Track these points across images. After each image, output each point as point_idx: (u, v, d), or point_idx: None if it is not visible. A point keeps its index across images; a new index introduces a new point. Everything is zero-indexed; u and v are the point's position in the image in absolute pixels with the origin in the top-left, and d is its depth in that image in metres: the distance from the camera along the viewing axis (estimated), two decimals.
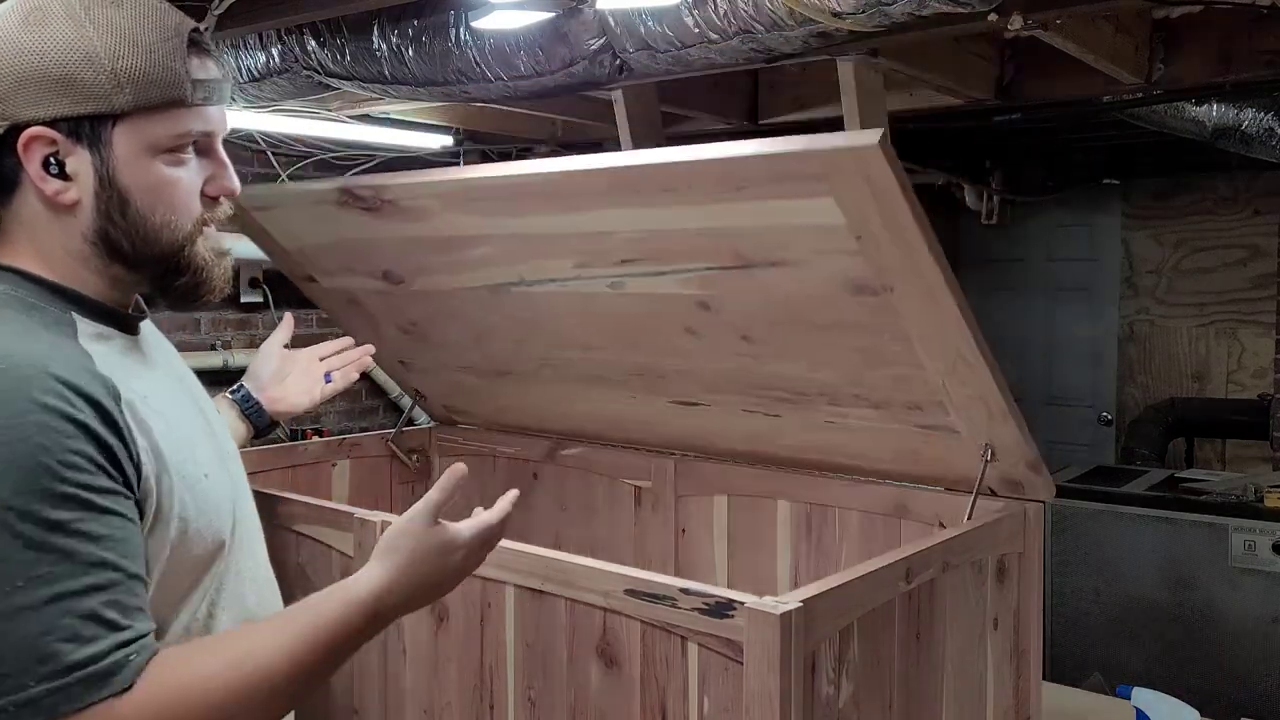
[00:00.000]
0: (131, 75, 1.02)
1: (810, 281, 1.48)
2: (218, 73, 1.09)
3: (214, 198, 1.11)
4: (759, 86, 3.66)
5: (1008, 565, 1.60)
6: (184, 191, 1.08)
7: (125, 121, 1.03)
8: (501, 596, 1.38)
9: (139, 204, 1.06)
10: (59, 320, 1.05)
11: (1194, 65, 3.01)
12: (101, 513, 0.94)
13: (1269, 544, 3.25)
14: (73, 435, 0.94)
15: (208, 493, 1.09)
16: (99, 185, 1.04)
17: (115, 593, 0.93)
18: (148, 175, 1.05)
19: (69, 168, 1.03)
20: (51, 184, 1.03)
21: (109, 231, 1.06)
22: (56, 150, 1.02)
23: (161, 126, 1.05)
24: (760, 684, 1.13)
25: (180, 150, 1.07)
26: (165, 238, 1.08)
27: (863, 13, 1.96)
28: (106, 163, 1.04)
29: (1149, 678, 3.32)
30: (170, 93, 1.04)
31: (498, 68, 2.51)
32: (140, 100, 1.03)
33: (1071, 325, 5.74)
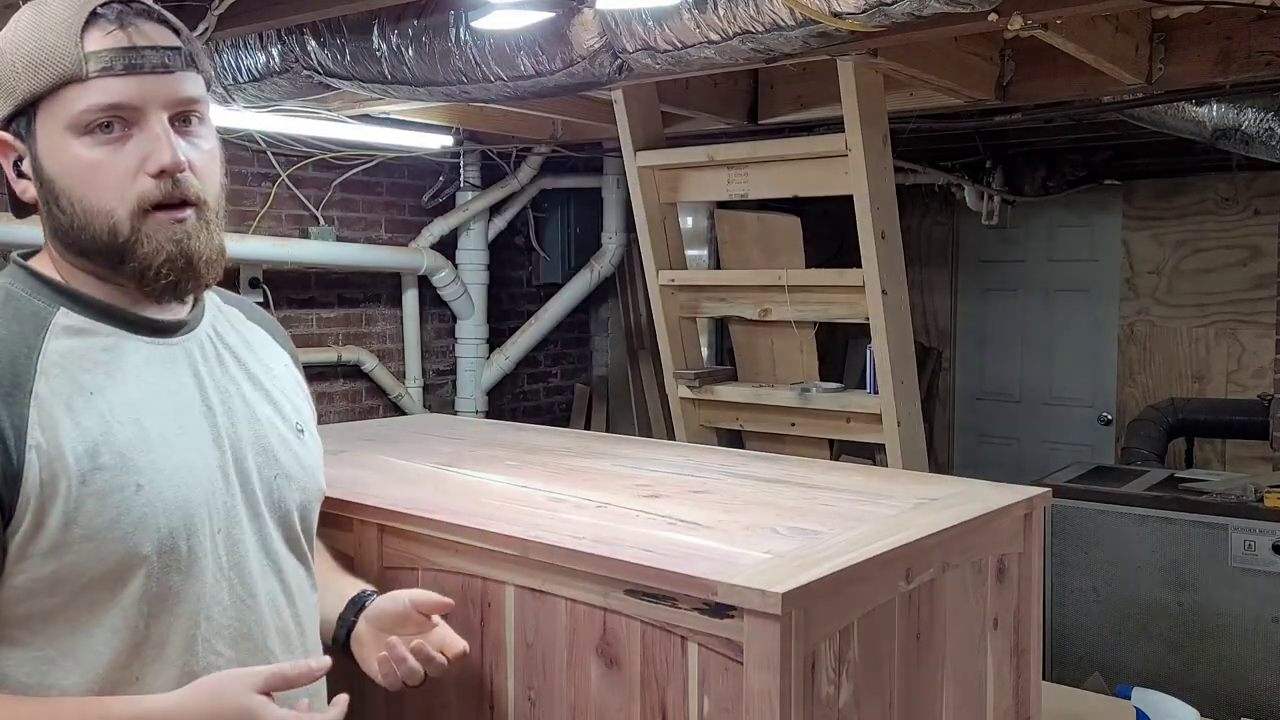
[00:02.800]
0: (26, 61, 1.03)
1: None
2: (132, 40, 1.03)
3: (156, 175, 1.04)
4: (759, 86, 3.67)
5: (1008, 565, 1.60)
6: (111, 172, 1.03)
7: (39, 109, 1.04)
8: (501, 596, 1.38)
9: (68, 191, 1.04)
10: (36, 313, 1.05)
11: (1194, 65, 3.02)
12: None
13: (1269, 544, 3.25)
14: None
15: (130, 505, 1.02)
16: (35, 178, 1.06)
17: None
18: (68, 159, 1.04)
19: (24, 166, 1.07)
20: (19, 184, 1.08)
21: (57, 223, 1.07)
22: (17, 152, 1.07)
23: (64, 105, 1.02)
24: (760, 684, 1.13)
25: (97, 128, 1.03)
26: (98, 224, 1.04)
27: (863, 13, 1.96)
28: (35, 155, 1.05)
29: (1149, 678, 3.32)
30: (59, 69, 1.02)
31: (497, 68, 2.51)
32: (35, 84, 1.02)
33: (1071, 325, 5.74)
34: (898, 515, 1.47)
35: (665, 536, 1.35)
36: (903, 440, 3.03)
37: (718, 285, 3.46)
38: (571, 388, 5.64)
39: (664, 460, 1.89)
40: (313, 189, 4.30)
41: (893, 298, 2.98)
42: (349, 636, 1.30)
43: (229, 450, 1.14)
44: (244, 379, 1.20)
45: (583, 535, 1.34)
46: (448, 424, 2.50)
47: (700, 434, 3.53)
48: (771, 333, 3.45)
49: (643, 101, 3.36)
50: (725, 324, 3.91)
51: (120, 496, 1.02)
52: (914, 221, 5.85)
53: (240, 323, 1.27)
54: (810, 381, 3.34)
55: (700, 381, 3.45)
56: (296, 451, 1.23)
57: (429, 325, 4.86)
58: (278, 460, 1.19)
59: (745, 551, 1.28)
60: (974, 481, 1.72)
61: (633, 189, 3.43)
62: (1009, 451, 5.92)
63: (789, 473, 1.80)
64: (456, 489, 1.65)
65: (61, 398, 1.01)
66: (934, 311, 6.13)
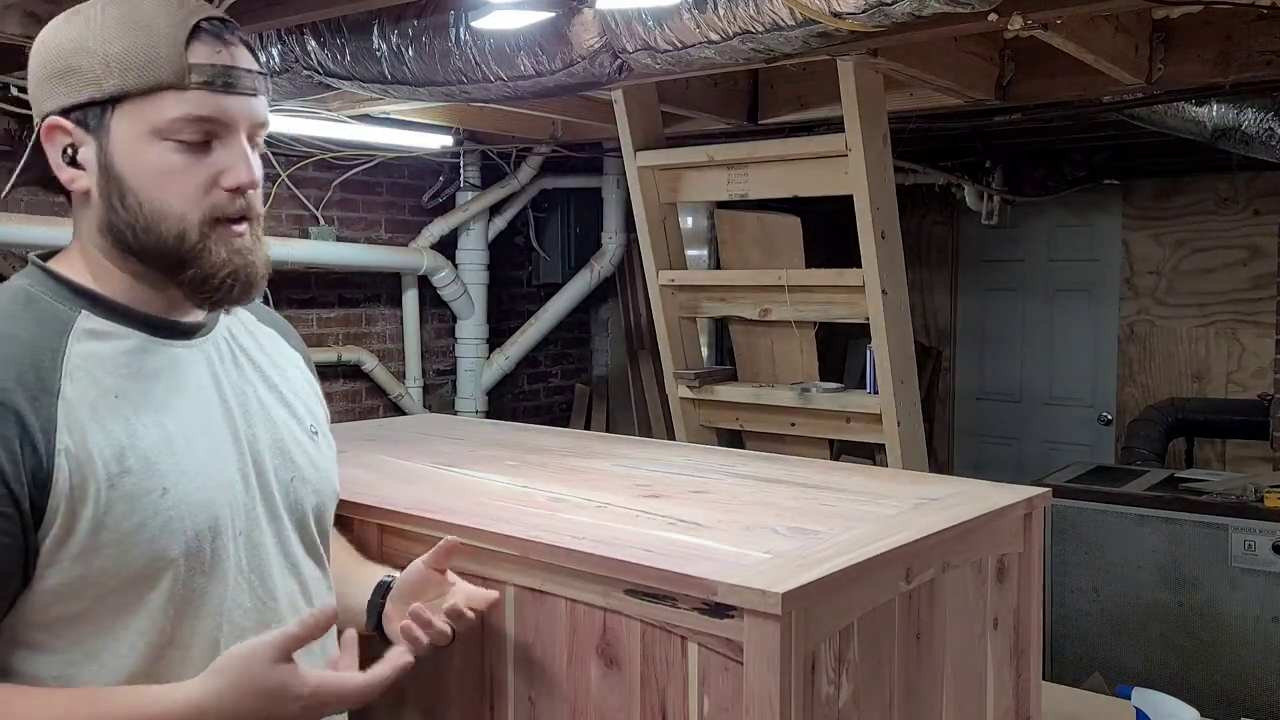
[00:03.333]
0: (119, 59, 1.02)
1: None
2: (232, 60, 1.06)
3: (231, 191, 1.07)
4: (759, 86, 3.67)
5: (1008, 565, 1.60)
6: (187, 180, 1.05)
7: (122, 106, 1.03)
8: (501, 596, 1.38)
9: (137, 190, 1.04)
10: (57, 316, 1.05)
11: (1194, 65, 3.02)
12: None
13: (1269, 544, 3.25)
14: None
15: (157, 508, 1.03)
16: (100, 172, 1.05)
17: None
18: (146, 160, 1.04)
19: (80, 156, 1.05)
20: (66, 172, 1.06)
21: (113, 220, 1.06)
22: (71, 139, 1.05)
23: (156, 110, 1.03)
24: (760, 684, 1.13)
25: (182, 135, 1.04)
26: (165, 227, 1.05)
27: (863, 13, 1.96)
28: (105, 148, 1.04)
29: (1149, 678, 3.32)
30: (158, 75, 1.02)
31: (497, 67, 2.51)
32: (127, 84, 1.02)
33: (1071, 325, 5.74)
34: (898, 515, 1.47)
35: (665, 536, 1.35)
36: (903, 440, 3.03)
37: (718, 285, 3.45)
38: (571, 388, 5.64)
39: (664, 460, 1.89)
40: (313, 189, 4.30)
41: (893, 298, 2.97)
42: (380, 620, 1.31)
43: (248, 453, 1.14)
44: (259, 381, 1.21)
45: (583, 535, 1.34)
46: (448, 424, 2.50)
47: (700, 434, 3.53)
48: (771, 333, 3.45)
49: (643, 101, 3.36)
50: (725, 324, 3.91)
51: (148, 500, 1.03)
52: (914, 221, 5.86)
53: (253, 325, 1.27)
54: (810, 381, 3.33)
55: (700, 381, 3.45)
56: (311, 454, 1.23)
57: (429, 325, 4.86)
58: (294, 462, 1.20)
59: (745, 551, 1.27)
60: (974, 481, 1.71)
61: (633, 189, 3.43)
62: (1009, 451, 5.92)
63: (789, 473, 1.80)
64: (456, 489, 1.64)
65: (87, 401, 1.01)
66: (934, 311, 6.13)
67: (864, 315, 3.01)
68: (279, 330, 1.33)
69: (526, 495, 1.59)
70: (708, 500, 1.57)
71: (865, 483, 1.71)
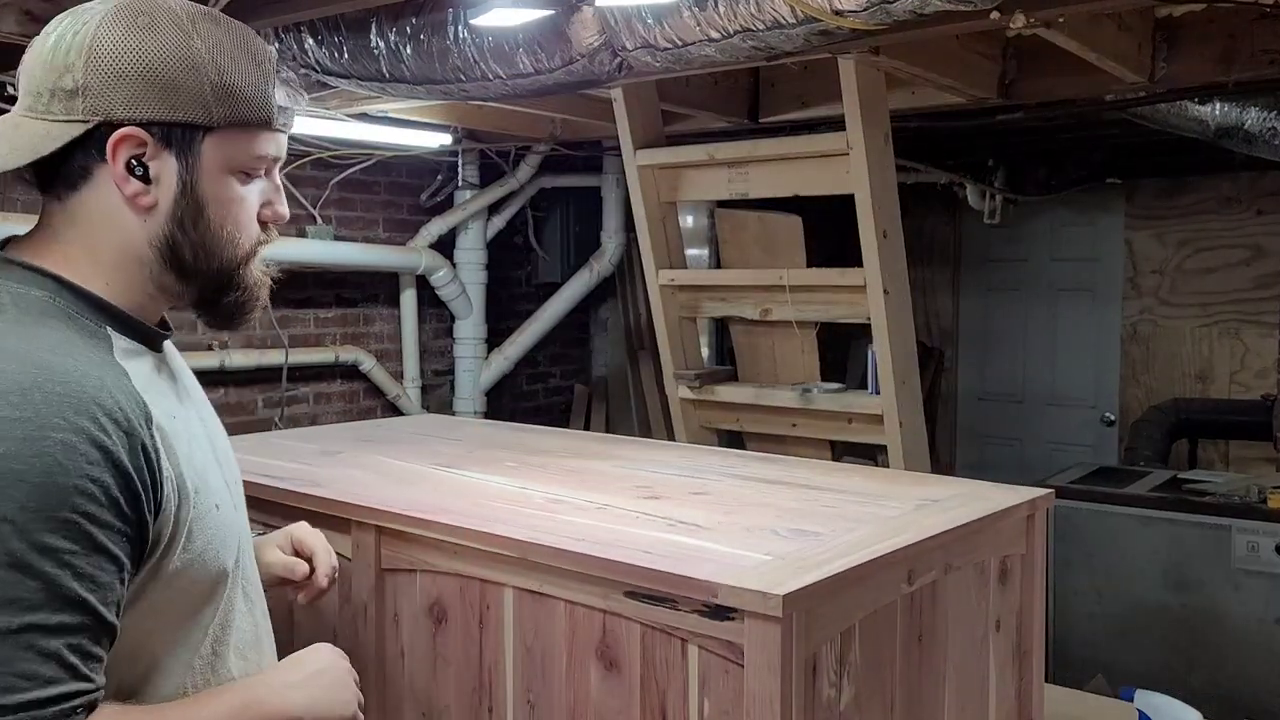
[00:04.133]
0: (232, 90, 1.03)
1: None
2: (290, 101, 1.11)
3: (265, 223, 1.12)
4: (760, 85, 3.66)
5: (1010, 567, 1.59)
6: (249, 211, 1.09)
7: (216, 134, 1.04)
8: (501, 598, 1.37)
9: (211, 216, 1.06)
10: (95, 334, 1.02)
11: (1196, 64, 3.01)
12: (95, 551, 0.92)
13: (1272, 545, 3.24)
14: (95, 461, 0.92)
15: (218, 523, 1.06)
16: (180, 192, 1.04)
17: (83, 638, 0.91)
18: (223, 189, 1.06)
19: (152, 171, 1.03)
20: (132, 185, 1.02)
21: (176, 238, 1.05)
22: (143, 152, 1.02)
23: (246, 145, 1.06)
24: (761, 686, 1.13)
25: (254, 170, 1.08)
26: (226, 253, 1.08)
27: (864, 11, 1.95)
28: (192, 171, 1.04)
29: (1152, 679, 3.31)
30: (261, 113, 1.06)
31: (496, 66, 2.50)
32: (236, 116, 1.04)
33: (1074, 325, 5.73)
34: (899, 517, 1.46)
35: (665, 538, 1.34)
36: (904, 441, 3.02)
37: (718, 285, 3.45)
38: (571, 388, 5.63)
39: (664, 461, 1.88)
40: (310, 188, 4.29)
41: (894, 297, 2.97)
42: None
43: (215, 446, 1.16)
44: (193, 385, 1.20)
45: (582, 537, 1.33)
46: (446, 425, 2.49)
47: (700, 435, 3.52)
48: (772, 333, 3.44)
49: (643, 100, 3.35)
50: (725, 324, 3.90)
51: (210, 518, 1.05)
52: (916, 221, 5.84)
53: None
54: (811, 382, 3.33)
55: (700, 382, 3.44)
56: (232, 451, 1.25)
57: (427, 325, 4.85)
58: (234, 463, 1.22)
59: (746, 553, 1.27)
60: (976, 483, 1.71)
61: (632, 188, 3.42)
62: (1011, 452, 5.91)
63: (790, 474, 1.79)
64: (455, 490, 1.64)
65: (166, 423, 1.02)
66: (936, 311, 6.12)
67: (865, 315, 3.00)
68: None
69: (525, 496, 1.58)
70: (708, 502, 1.56)
71: (866, 484, 1.70)
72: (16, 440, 0.89)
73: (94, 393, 0.94)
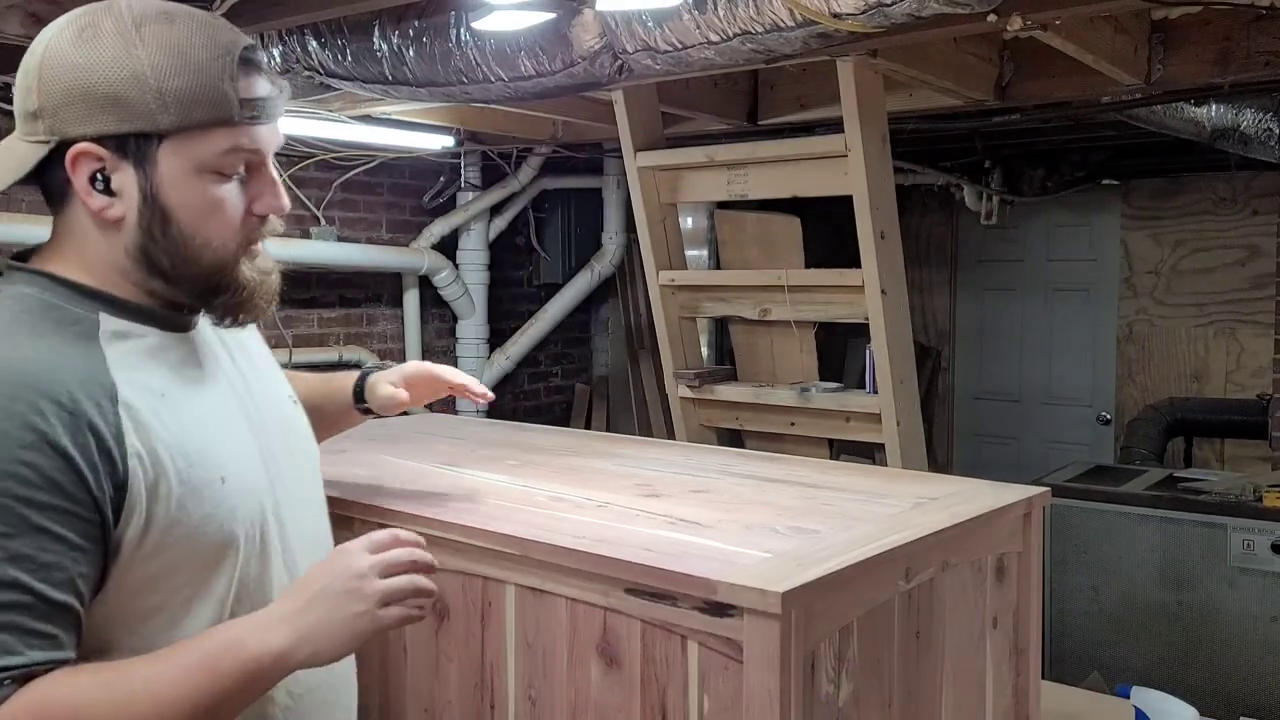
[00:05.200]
0: (178, 95, 1.01)
1: None
2: (268, 90, 1.08)
3: (262, 216, 1.10)
4: (759, 87, 3.67)
5: (1007, 564, 1.60)
6: (230, 210, 1.07)
7: (171, 140, 1.03)
8: (502, 595, 1.39)
9: (182, 222, 1.05)
10: (79, 320, 1.04)
11: (1193, 66, 3.02)
12: (33, 531, 0.93)
13: (1267, 543, 3.25)
14: (28, 445, 0.94)
15: (220, 496, 1.06)
16: (142, 202, 1.04)
17: (18, 615, 0.93)
18: (193, 194, 1.05)
19: (114, 184, 1.03)
20: (97, 200, 1.04)
21: (149, 248, 1.05)
22: (103, 166, 1.03)
23: (207, 145, 1.04)
24: (760, 683, 1.14)
25: (226, 169, 1.06)
26: (207, 257, 1.07)
27: (863, 14, 1.96)
28: (150, 180, 1.03)
29: (1148, 677, 3.33)
30: (215, 112, 1.03)
31: (498, 68, 2.52)
32: (184, 120, 1.02)
33: (1070, 325, 5.75)
34: (897, 515, 1.47)
35: (665, 536, 1.35)
36: (902, 440, 3.03)
37: (718, 285, 3.46)
38: (572, 388, 5.64)
39: (664, 460, 1.89)
40: (314, 189, 4.30)
41: (892, 297, 2.98)
42: (363, 389, 1.50)
43: (260, 432, 1.16)
44: (242, 360, 1.22)
45: (583, 535, 1.35)
46: (448, 424, 2.50)
47: (700, 434, 3.53)
48: (771, 332, 3.45)
49: (643, 102, 3.36)
50: (725, 324, 3.91)
51: (211, 491, 1.05)
52: (913, 222, 5.86)
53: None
54: (810, 381, 3.34)
55: (700, 381, 3.45)
56: (298, 423, 1.27)
57: (430, 325, 4.86)
58: (293, 433, 1.23)
59: (745, 551, 1.28)
60: (973, 481, 1.72)
61: (633, 189, 3.43)
62: (1008, 451, 5.93)
63: (789, 472, 1.80)
64: (457, 488, 1.65)
65: (141, 399, 1.03)
66: (933, 311, 6.13)
67: (863, 315, 3.01)
68: None
69: (527, 495, 1.59)
70: (708, 500, 1.57)
71: (865, 482, 1.71)
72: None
73: (35, 378, 0.96)
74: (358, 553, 1.06)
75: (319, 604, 1.03)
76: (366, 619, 1.03)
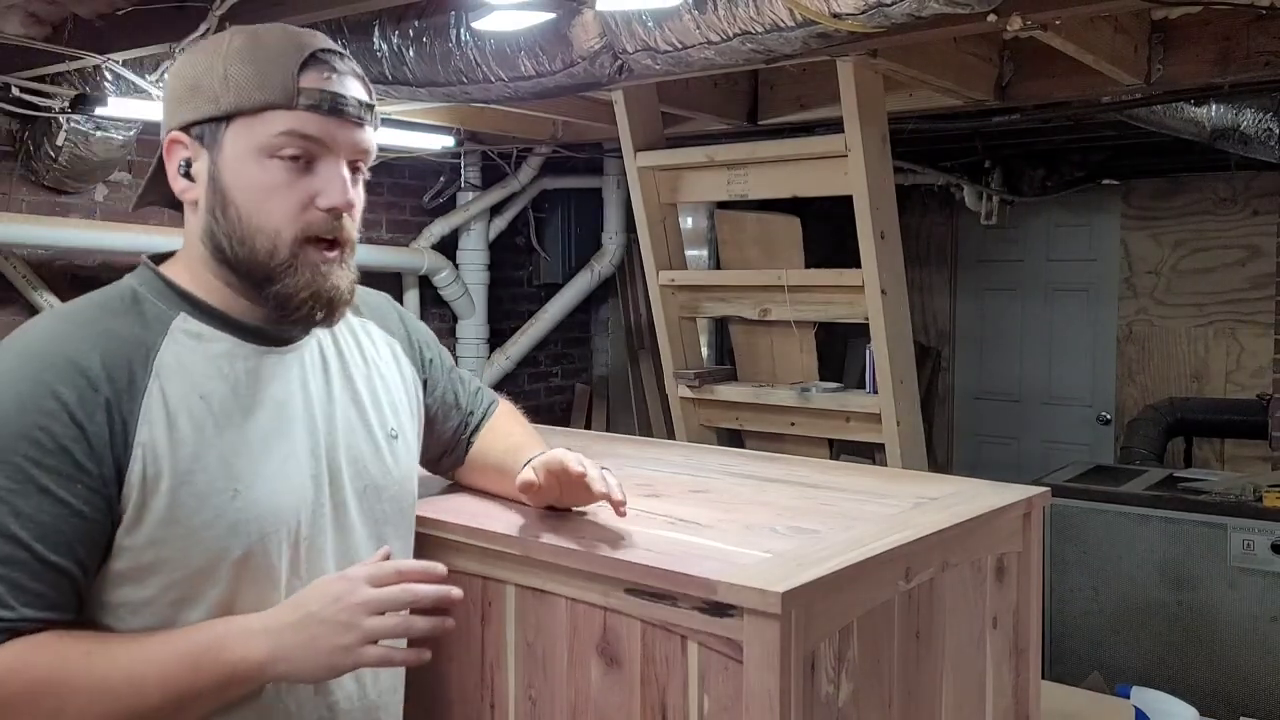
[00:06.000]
0: (239, 79, 1.08)
1: None
2: (338, 88, 1.11)
3: (325, 211, 1.11)
4: (759, 87, 3.67)
5: (1007, 564, 1.60)
6: (286, 197, 1.09)
7: (234, 124, 1.09)
8: (502, 595, 1.39)
9: (239, 204, 1.09)
10: (159, 315, 1.10)
11: (1193, 65, 3.02)
12: (40, 492, 0.98)
13: (1267, 543, 3.25)
14: (48, 412, 1.00)
15: (228, 508, 1.07)
16: (209, 184, 1.11)
17: (12, 569, 0.97)
18: (249, 175, 1.09)
19: (193, 169, 1.11)
20: (179, 183, 1.12)
21: (213, 230, 1.11)
22: (189, 153, 1.11)
23: (263, 127, 1.08)
24: (760, 683, 1.14)
25: (285, 152, 1.09)
26: (261, 241, 1.09)
27: (863, 14, 1.96)
28: (215, 162, 1.10)
29: (1148, 677, 3.33)
30: (272, 95, 1.08)
31: (498, 68, 2.52)
32: (243, 101, 1.08)
33: (1070, 325, 5.75)
34: (897, 514, 1.47)
35: (665, 536, 1.35)
36: (902, 440, 3.03)
37: (718, 285, 3.46)
38: (572, 387, 5.64)
39: (664, 459, 1.89)
40: None
41: (892, 297, 2.98)
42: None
43: (324, 461, 1.18)
44: (345, 388, 1.23)
45: (583, 534, 1.35)
46: None
47: (700, 434, 3.53)
48: (771, 332, 3.45)
49: (643, 102, 3.36)
50: (725, 324, 3.91)
51: (218, 500, 1.07)
52: (913, 222, 5.86)
53: (353, 318, 1.29)
54: (810, 381, 3.34)
55: (700, 381, 3.46)
56: (387, 461, 1.26)
57: (430, 325, 4.83)
58: (368, 471, 1.23)
59: (745, 551, 1.28)
60: (973, 481, 1.72)
61: (633, 189, 3.44)
62: (1008, 451, 5.93)
63: (789, 472, 1.80)
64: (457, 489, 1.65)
65: (173, 399, 1.06)
66: (933, 311, 6.13)
67: (863, 315, 3.02)
68: (376, 318, 1.36)
69: None
70: (708, 500, 1.57)
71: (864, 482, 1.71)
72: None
73: (70, 353, 1.03)
74: (356, 584, 1.08)
75: (306, 626, 1.06)
76: (346, 654, 1.06)
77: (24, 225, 3.43)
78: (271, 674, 1.05)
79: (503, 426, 1.52)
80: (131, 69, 2.84)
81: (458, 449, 1.50)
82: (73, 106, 3.03)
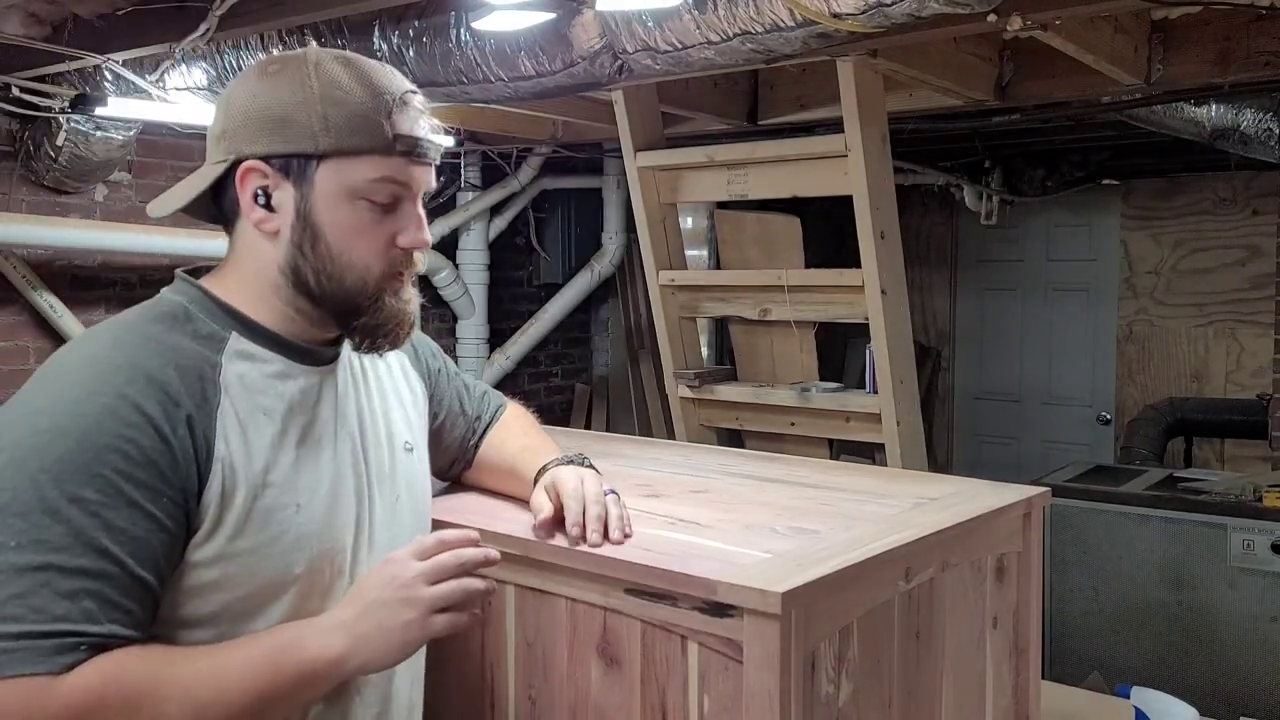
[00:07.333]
0: (338, 122, 1.09)
1: None
2: (425, 132, 1.14)
3: (406, 250, 1.15)
4: (759, 87, 3.67)
5: (1007, 564, 1.60)
6: (375, 237, 1.13)
7: (328, 163, 1.10)
8: (502, 595, 1.39)
9: (330, 241, 1.11)
10: (212, 335, 1.11)
11: (1193, 66, 3.03)
12: (128, 505, 0.98)
13: (1267, 543, 3.25)
14: (133, 424, 1.00)
15: (291, 523, 1.10)
16: (296, 219, 1.11)
17: (103, 584, 0.97)
18: (341, 215, 1.11)
19: (274, 200, 1.11)
20: (258, 213, 1.12)
21: (299, 263, 1.12)
22: (267, 184, 1.11)
23: (360, 171, 1.10)
24: (760, 683, 1.14)
25: (376, 196, 1.11)
26: (351, 277, 1.12)
27: (863, 14, 1.96)
28: (306, 198, 1.11)
29: (1148, 677, 3.33)
30: (371, 141, 1.10)
31: (498, 68, 2.52)
32: (341, 144, 1.09)
33: (1070, 325, 5.75)
34: (897, 515, 1.47)
35: (665, 536, 1.35)
36: (902, 440, 3.03)
37: (718, 285, 3.46)
38: (572, 387, 5.64)
39: (664, 460, 1.89)
40: None
41: (892, 298, 2.98)
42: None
43: (364, 477, 1.20)
44: (375, 402, 1.26)
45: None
46: None
47: (700, 434, 3.53)
48: (771, 333, 3.45)
49: (643, 102, 3.36)
50: (725, 324, 3.91)
51: (283, 515, 1.09)
52: (913, 221, 5.86)
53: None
54: (810, 381, 3.34)
55: (700, 381, 3.46)
56: (407, 474, 1.29)
57: (430, 325, 4.86)
58: (394, 484, 1.25)
59: (745, 551, 1.28)
60: (973, 481, 1.72)
61: (633, 189, 3.44)
62: (1008, 451, 5.93)
63: (789, 472, 1.80)
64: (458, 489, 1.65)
65: (241, 415, 1.08)
66: (933, 311, 6.13)
67: (863, 315, 3.02)
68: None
69: None
70: (708, 500, 1.57)
71: (864, 482, 1.71)
72: (68, 403, 1.00)
73: (147, 366, 1.04)
74: (404, 560, 1.10)
75: (372, 613, 1.07)
76: (416, 627, 1.08)
77: (24, 225, 3.43)
78: (351, 667, 1.06)
79: (515, 427, 1.56)
80: (131, 69, 2.84)
81: (466, 455, 1.55)
82: (73, 106, 3.03)
